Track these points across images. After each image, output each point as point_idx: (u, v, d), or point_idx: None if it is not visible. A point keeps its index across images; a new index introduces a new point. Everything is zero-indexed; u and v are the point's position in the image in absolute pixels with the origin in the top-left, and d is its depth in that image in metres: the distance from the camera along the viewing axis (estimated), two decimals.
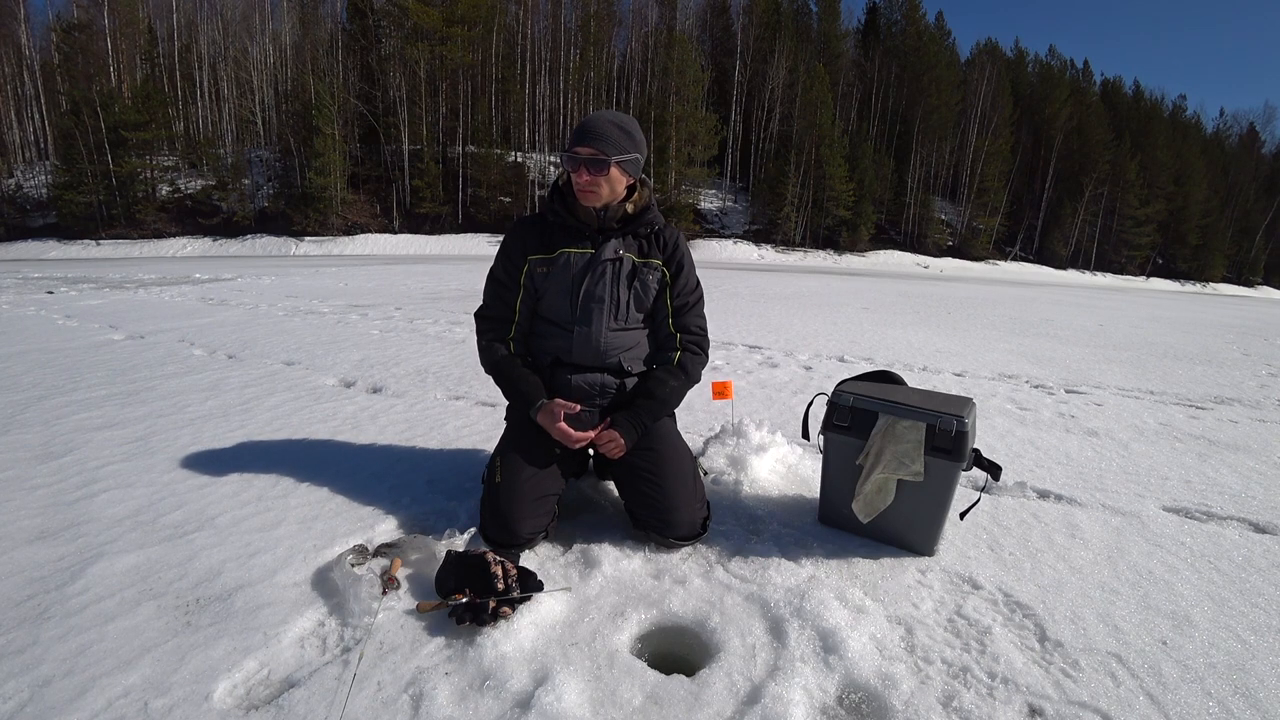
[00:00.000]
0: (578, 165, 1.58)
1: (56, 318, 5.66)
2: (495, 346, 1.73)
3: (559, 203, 1.69)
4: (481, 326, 1.77)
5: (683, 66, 33.86)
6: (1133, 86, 52.59)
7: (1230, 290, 42.77)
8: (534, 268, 1.69)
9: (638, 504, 1.64)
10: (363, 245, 29.90)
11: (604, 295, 1.65)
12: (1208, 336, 7.53)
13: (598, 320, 1.66)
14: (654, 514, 1.60)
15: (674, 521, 1.59)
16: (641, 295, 1.70)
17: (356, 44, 35.74)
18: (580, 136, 1.57)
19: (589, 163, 1.57)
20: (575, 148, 1.57)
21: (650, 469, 1.63)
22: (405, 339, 4.81)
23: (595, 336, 1.67)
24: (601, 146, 1.56)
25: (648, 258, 1.71)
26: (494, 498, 1.58)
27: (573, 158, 1.58)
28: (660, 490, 1.60)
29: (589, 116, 1.62)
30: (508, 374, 1.70)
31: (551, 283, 1.67)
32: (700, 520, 1.64)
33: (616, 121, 1.61)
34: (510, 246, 1.72)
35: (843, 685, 1.16)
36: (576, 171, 1.59)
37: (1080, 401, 3.52)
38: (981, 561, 1.62)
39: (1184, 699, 1.14)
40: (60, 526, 1.66)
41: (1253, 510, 2.04)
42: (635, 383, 1.75)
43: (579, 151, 1.57)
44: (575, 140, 1.58)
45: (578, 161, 1.57)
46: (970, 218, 41.25)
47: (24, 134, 34.06)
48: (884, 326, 6.59)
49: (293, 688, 1.10)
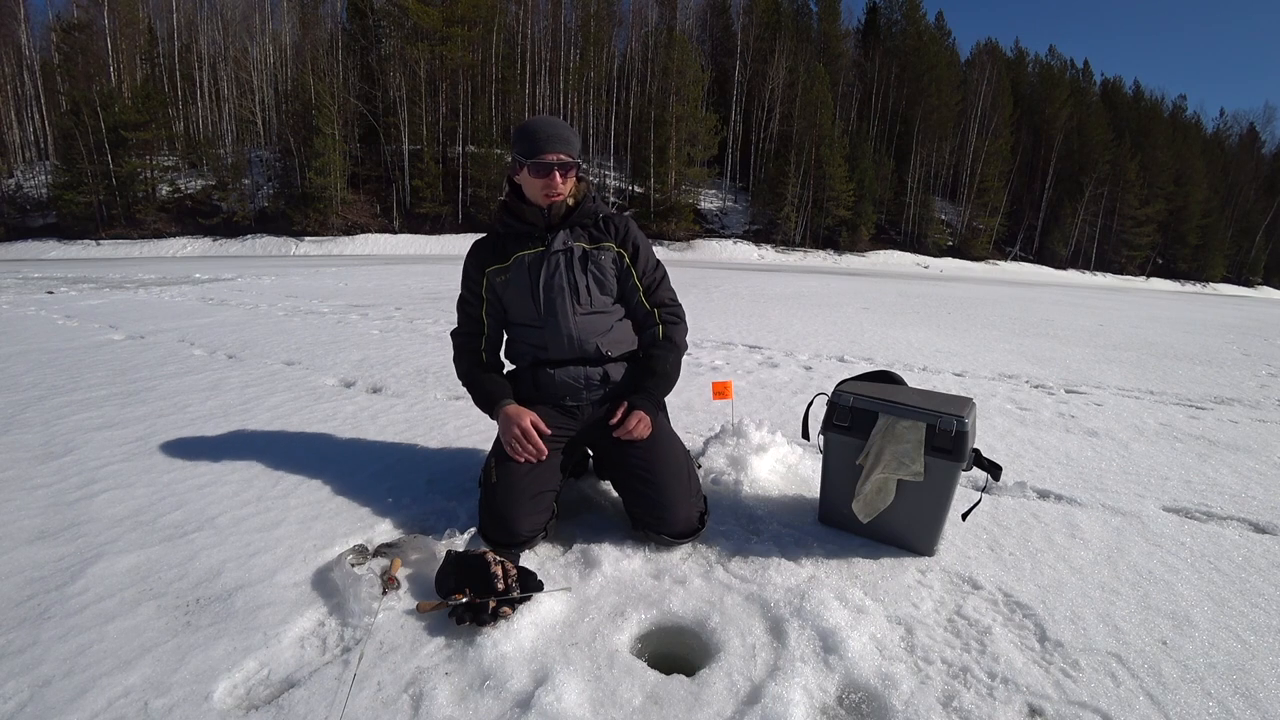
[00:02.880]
0: (550, 170, 1.63)
1: (56, 318, 5.66)
2: (464, 357, 1.82)
3: (506, 213, 1.74)
4: (455, 344, 1.86)
5: (683, 66, 33.86)
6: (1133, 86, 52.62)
7: (1230, 290, 42.75)
8: (492, 278, 1.76)
9: (634, 503, 1.64)
10: (363, 245, 29.91)
11: (563, 284, 1.70)
12: (1208, 336, 7.53)
13: (562, 308, 1.69)
14: (650, 512, 1.60)
15: (670, 519, 1.59)
16: (600, 277, 1.74)
17: (356, 44, 35.74)
18: (551, 143, 1.62)
19: (562, 166, 1.63)
20: (546, 154, 1.62)
21: (644, 467, 1.63)
22: (405, 339, 4.81)
23: (564, 325, 1.70)
24: (570, 150, 1.65)
25: (599, 243, 1.75)
26: (491, 497, 1.58)
27: (544, 165, 1.62)
28: (655, 488, 1.60)
29: (544, 122, 1.67)
30: (474, 380, 1.78)
31: (512, 286, 1.73)
32: (697, 516, 1.64)
33: (566, 125, 1.70)
34: (468, 267, 1.80)
35: (843, 685, 1.15)
36: (549, 176, 1.63)
37: (1080, 401, 3.52)
38: (981, 561, 1.62)
39: (1184, 699, 1.14)
40: (60, 526, 1.66)
41: (1253, 510, 2.04)
42: (627, 368, 1.80)
43: (551, 158, 1.62)
44: (545, 147, 1.62)
45: (550, 167, 1.62)
46: (970, 218, 41.23)
47: (24, 134, 34.06)
48: (884, 326, 6.59)
49: (293, 688, 1.10)
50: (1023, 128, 43.57)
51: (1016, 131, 43.01)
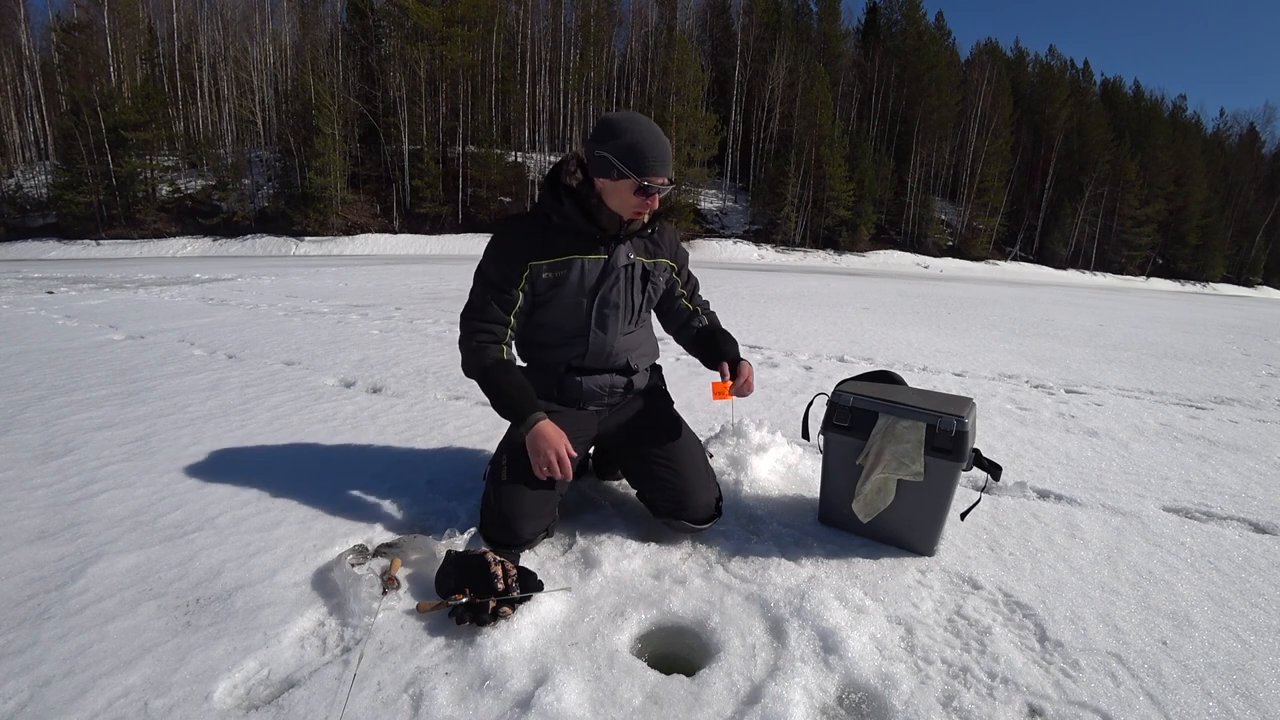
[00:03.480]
0: (654, 194, 1.52)
1: (57, 318, 5.66)
2: (487, 350, 1.61)
3: (573, 205, 1.56)
4: (471, 328, 1.62)
5: (683, 66, 33.86)
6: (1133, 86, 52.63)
7: (1230, 290, 42.76)
8: (536, 273, 1.58)
9: (655, 491, 1.66)
10: (363, 245, 29.90)
11: (619, 301, 1.64)
12: (1208, 336, 7.53)
13: (613, 327, 1.66)
14: (673, 499, 1.63)
15: (692, 505, 1.63)
16: (653, 295, 1.74)
17: (356, 44, 35.73)
18: (663, 166, 1.50)
19: (661, 189, 1.52)
20: (658, 178, 1.49)
21: (666, 456, 1.67)
22: (405, 339, 4.81)
23: (610, 342, 1.68)
24: (671, 172, 1.53)
25: (655, 258, 1.71)
26: (496, 498, 1.56)
27: (653, 189, 1.50)
28: (678, 475, 1.64)
29: (655, 137, 1.50)
30: (497, 382, 1.59)
31: (561, 290, 1.59)
32: (715, 502, 1.68)
33: (666, 138, 1.56)
34: (509, 250, 1.58)
35: (843, 685, 1.16)
36: (650, 198, 1.52)
37: (1080, 401, 3.51)
38: (981, 561, 1.62)
39: (1184, 699, 1.14)
40: (60, 526, 1.66)
41: (1253, 510, 2.04)
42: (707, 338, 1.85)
43: (660, 182, 1.50)
44: (657, 170, 1.49)
45: (655, 191, 1.51)
46: (970, 218, 41.23)
47: (24, 134, 34.06)
48: (884, 326, 6.59)
49: (293, 688, 1.10)
50: (1023, 128, 43.57)
51: (1016, 131, 43.00)
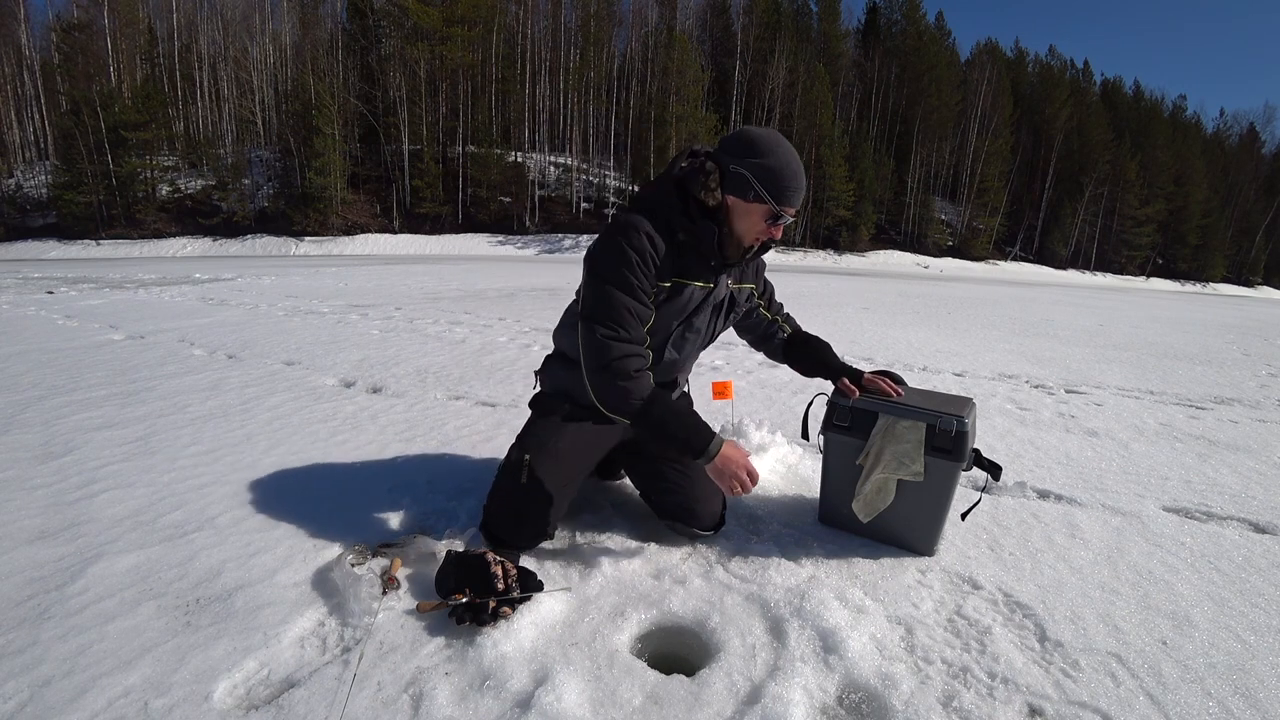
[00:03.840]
0: (780, 223, 1.45)
1: (56, 318, 5.66)
2: (646, 376, 1.41)
3: (705, 227, 1.42)
4: (621, 351, 1.38)
5: (683, 66, 33.86)
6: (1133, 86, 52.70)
7: (1230, 290, 42.78)
8: (658, 292, 1.46)
9: (664, 494, 1.66)
10: (363, 245, 29.91)
11: (702, 328, 1.58)
12: (1208, 336, 7.53)
13: (688, 350, 1.61)
14: (682, 505, 1.63)
15: (701, 512, 1.63)
16: (733, 321, 1.71)
17: (356, 44, 35.76)
18: (800, 196, 1.44)
19: (789, 220, 1.47)
20: (793, 208, 1.43)
21: (679, 461, 1.65)
22: (405, 339, 4.81)
23: (681, 363, 1.65)
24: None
25: (742, 283, 1.67)
26: (519, 497, 1.50)
27: (782, 217, 1.43)
28: (692, 482, 1.63)
29: (797, 165, 1.42)
30: (668, 409, 1.42)
31: (663, 311, 1.49)
32: (720, 512, 1.68)
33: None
34: (649, 263, 1.40)
35: (843, 685, 1.15)
36: (778, 228, 1.46)
37: (1080, 401, 3.51)
38: (981, 561, 1.62)
39: (1184, 699, 1.14)
40: (60, 526, 1.66)
41: (1253, 510, 2.04)
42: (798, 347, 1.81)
43: (792, 212, 1.44)
44: (794, 200, 1.42)
45: (783, 220, 1.44)
46: (970, 218, 41.26)
47: (24, 134, 34.09)
48: (884, 326, 6.59)
49: (293, 688, 1.10)
50: (1023, 128, 43.61)
51: (1016, 131, 43.05)
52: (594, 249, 1.44)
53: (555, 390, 1.67)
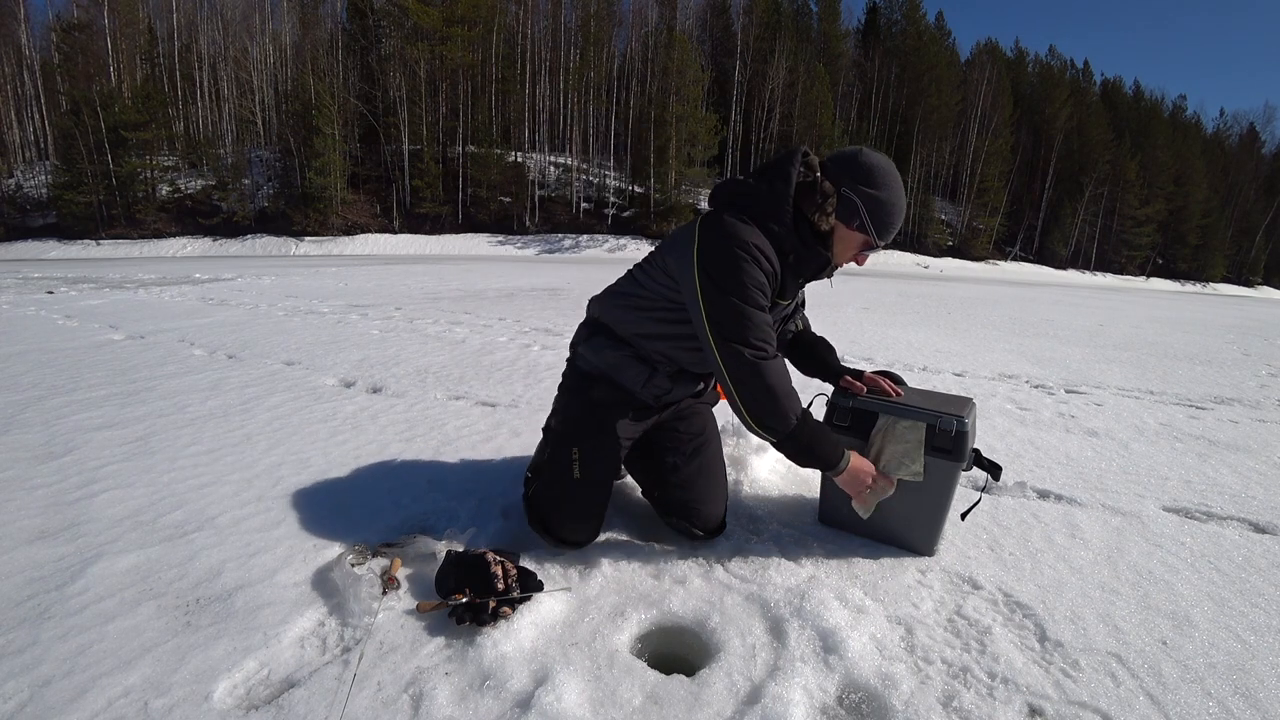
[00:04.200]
0: (868, 253, 1.48)
1: (56, 317, 5.66)
2: (795, 393, 1.41)
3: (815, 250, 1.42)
4: (778, 369, 1.38)
5: (683, 66, 33.84)
6: (1133, 86, 52.72)
7: (1230, 290, 42.78)
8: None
9: (667, 491, 1.64)
10: (363, 245, 29.92)
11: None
12: (1208, 336, 7.53)
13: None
14: (684, 502, 1.61)
15: (704, 513, 1.61)
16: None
17: (356, 44, 35.76)
18: (895, 232, 1.45)
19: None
20: (888, 240, 1.45)
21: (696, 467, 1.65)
22: (405, 339, 4.81)
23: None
24: None
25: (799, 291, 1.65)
26: (579, 494, 1.50)
27: (875, 250, 1.46)
28: (693, 480, 1.63)
29: (902, 201, 1.43)
30: (813, 429, 1.43)
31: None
32: (721, 516, 1.67)
33: None
34: (771, 284, 1.40)
35: (843, 685, 1.15)
36: (863, 257, 1.49)
37: (1080, 401, 3.51)
38: (981, 561, 1.62)
39: (1184, 699, 1.14)
40: (60, 526, 1.66)
41: (1253, 510, 2.04)
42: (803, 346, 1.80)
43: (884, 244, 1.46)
44: (893, 234, 1.45)
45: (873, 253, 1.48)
46: (970, 218, 41.25)
47: (24, 134, 34.09)
48: (884, 326, 6.59)
49: (293, 688, 1.10)
50: (1023, 128, 43.61)
51: (1016, 131, 43.04)
52: (708, 257, 1.36)
53: (596, 369, 1.61)
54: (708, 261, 1.36)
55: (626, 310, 1.58)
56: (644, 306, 1.55)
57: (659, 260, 1.54)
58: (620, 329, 1.59)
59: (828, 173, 1.41)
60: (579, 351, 1.67)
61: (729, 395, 1.40)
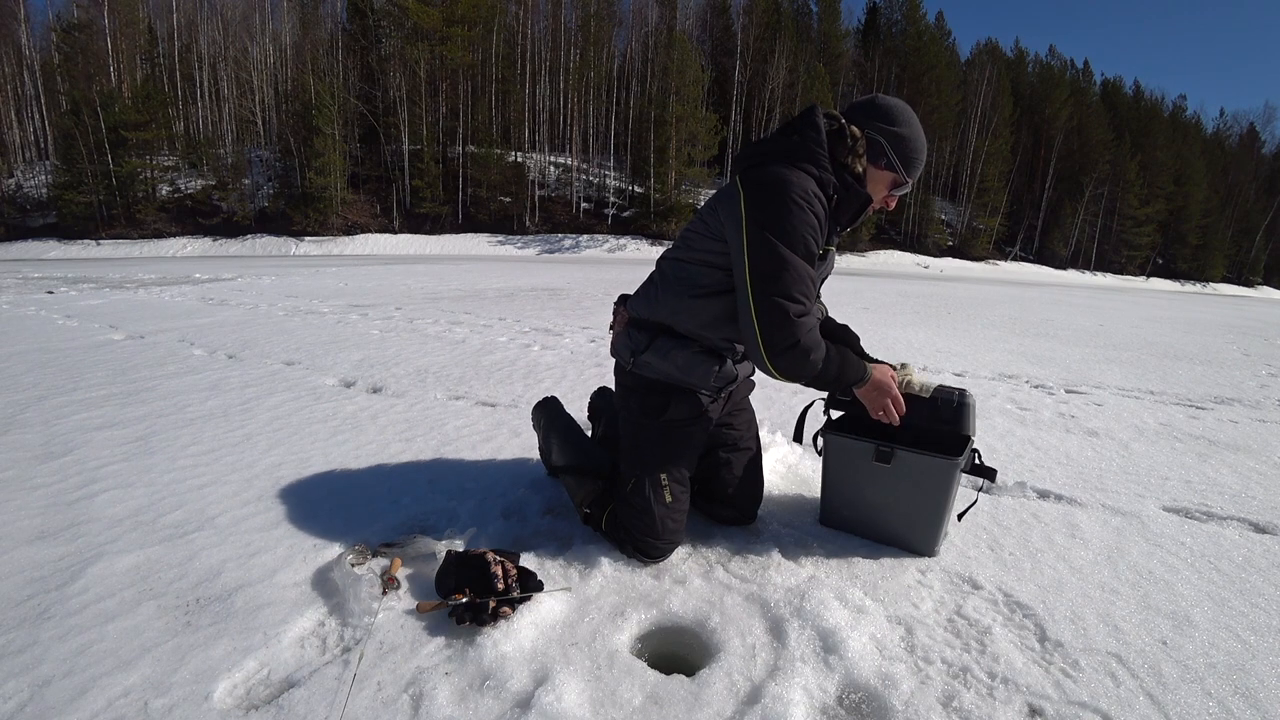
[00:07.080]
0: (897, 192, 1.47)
1: (56, 318, 5.66)
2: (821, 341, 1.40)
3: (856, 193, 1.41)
4: (810, 326, 1.37)
5: (683, 66, 33.83)
6: (1133, 86, 52.69)
7: (1230, 290, 42.78)
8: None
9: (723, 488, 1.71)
10: (363, 245, 29.92)
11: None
12: (1208, 336, 7.53)
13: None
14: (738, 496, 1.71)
15: (752, 503, 1.75)
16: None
17: (356, 44, 35.77)
18: (922, 168, 1.45)
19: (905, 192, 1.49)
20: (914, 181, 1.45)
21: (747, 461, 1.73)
22: (405, 339, 4.81)
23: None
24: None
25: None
26: (671, 517, 1.52)
27: (905, 187, 1.45)
28: (752, 475, 1.74)
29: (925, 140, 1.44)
30: (837, 362, 1.41)
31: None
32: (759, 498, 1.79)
33: None
34: (821, 229, 1.37)
35: (843, 685, 1.15)
36: (893, 197, 1.48)
37: (1080, 401, 3.51)
38: (981, 561, 1.62)
39: (1184, 699, 1.14)
40: (60, 526, 1.66)
41: (1253, 510, 2.04)
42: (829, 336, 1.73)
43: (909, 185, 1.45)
44: (919, 171, 1.44)
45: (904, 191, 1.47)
46: (970, 218, 41.25)
47: (24, 134, 34.11)
48: (884, 326, 6.59)
49: (293, 688, 1.10)
50: (1023, 128, 43.61)
51: (1016, 131, 43.04)
52: (757, 205, 1.33)
53: (666, 375, 1.53)
54: (756, 210, 1.34)
55: (680, 298, 1.50)
56: (701, 284, 1.47)
57: (700, 227, 1.49)
58: (681, 325, 1.51)
59: (850, 118, 1.43)
60: (642, 359, 1.55)
61: (754, 346, 1.37)
